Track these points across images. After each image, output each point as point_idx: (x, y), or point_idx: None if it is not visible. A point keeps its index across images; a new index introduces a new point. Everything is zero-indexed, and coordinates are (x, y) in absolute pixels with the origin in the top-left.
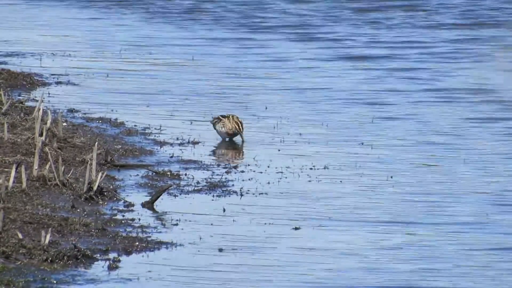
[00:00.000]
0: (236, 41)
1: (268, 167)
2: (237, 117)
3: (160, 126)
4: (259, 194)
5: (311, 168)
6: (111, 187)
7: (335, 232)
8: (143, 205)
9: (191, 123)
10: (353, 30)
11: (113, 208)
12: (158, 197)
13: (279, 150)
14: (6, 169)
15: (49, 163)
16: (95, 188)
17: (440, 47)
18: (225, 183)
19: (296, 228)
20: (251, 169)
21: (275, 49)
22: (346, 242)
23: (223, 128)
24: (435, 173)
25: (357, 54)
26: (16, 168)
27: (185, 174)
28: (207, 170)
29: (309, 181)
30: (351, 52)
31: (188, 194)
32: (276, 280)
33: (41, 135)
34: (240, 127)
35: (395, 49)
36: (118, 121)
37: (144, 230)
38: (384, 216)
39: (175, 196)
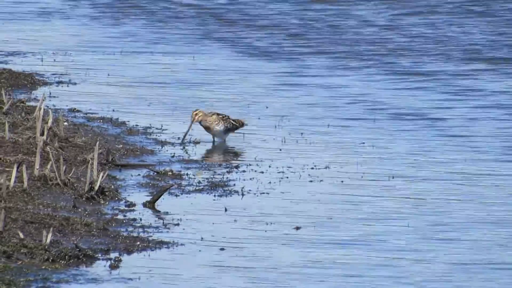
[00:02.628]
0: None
1: (270, 167)
2: (196, 113)
3: (161, 126)
4: (261, 194)
5: (312, 168)
6: (113, 186)
7: (335, 232)
8: (145, 204)
9: None
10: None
11: (115, 207)
12: (160, 196)
13: (280, 150)
14: (7, 169)
15: (51, 162)
16: (96, 187)
17: None
18: (226, 183)
19: (297, 228)
20: (252, 169)
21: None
22: (347, 242)
23: None
24: (436, 172)
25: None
26: (18, 168)
27: (187, 174)
28: (209, 169)
29: (311, 181)
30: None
31: (190, 193)
32: (277, 279)
33: (42, 134)
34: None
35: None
36: (119, 120)
37: (145, 229)
38: (385, 216)
39: (176, 196)
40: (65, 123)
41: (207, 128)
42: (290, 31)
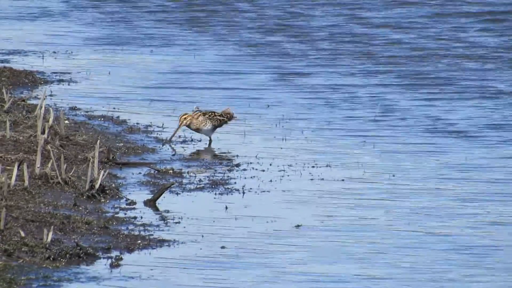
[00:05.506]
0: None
1: (270, 165)
2: (184, 117)
3: (162, 124)
4: (261, 192)
5: (313, 166)
6: (113, 185)
7: (336, 231)
8: (145, 203)
9: None
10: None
11: (115, 206)
12: (160, 195)
13: (281, 148)
14: (8, 167)
15: (51, 161)
16: (97, 186)
17: None
18: (227, 181)
19: (297, 226)
20: (253, 167)
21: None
22: (347, 240)
23: None
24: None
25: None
26: (18, 166)
27: (187, 172)
28: (209, 168)
29: (311, 179)
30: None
31: (190, 192)
32: (278, 278)
33: (43, 133)
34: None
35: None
36: (120, 119)
37: (146, 228)
38: (385, 215)
39: (177, 194)
40: (66, 122)
41: (197, 130)
42: (291, 29)
